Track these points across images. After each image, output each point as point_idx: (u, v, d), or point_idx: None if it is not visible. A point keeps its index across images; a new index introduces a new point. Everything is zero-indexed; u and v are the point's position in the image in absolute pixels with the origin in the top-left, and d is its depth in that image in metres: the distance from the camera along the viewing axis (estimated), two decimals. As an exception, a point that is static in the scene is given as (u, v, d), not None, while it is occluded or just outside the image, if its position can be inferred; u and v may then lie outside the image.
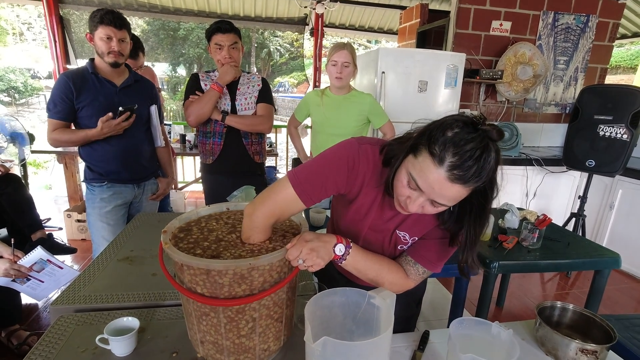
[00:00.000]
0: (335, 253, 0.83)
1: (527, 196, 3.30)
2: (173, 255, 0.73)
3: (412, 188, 0.75)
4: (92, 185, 1.83)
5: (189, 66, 15.61)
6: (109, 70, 1.75)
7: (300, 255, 0.76)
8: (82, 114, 1.72)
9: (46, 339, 0.89)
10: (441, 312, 2.36)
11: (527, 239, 1.76)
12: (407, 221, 0.91)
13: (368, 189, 0.89)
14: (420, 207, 0.77)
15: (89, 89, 1.71)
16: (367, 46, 12.25)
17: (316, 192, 0.83)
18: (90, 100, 1.71)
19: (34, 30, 14.11)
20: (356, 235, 0.98)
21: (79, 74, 1.71)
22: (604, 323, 0.96)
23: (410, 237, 0.93)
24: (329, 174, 0.84)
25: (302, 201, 0.83)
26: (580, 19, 3.48)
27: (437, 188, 0.70)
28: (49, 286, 1.52)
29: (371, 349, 0.69)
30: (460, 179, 0.67)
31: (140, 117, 1.83)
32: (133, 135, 1.81)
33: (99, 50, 1.68)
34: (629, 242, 2.95)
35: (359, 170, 0.85)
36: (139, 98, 1.83)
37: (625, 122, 2.60)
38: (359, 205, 0.92)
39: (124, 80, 1.80)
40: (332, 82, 2.10)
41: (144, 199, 1.99)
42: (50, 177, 4.83)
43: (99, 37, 1.66)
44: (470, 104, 3.53)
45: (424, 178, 0.71)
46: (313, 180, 0.83)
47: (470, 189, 0.71)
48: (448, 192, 0.70)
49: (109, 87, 1.75)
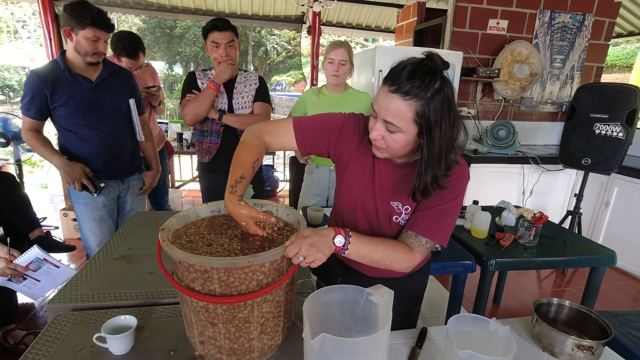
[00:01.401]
0: (336, 245, 0.83)
1: (524, 194, 3.32)
2: (171, 253, 0.72)
3: (373, 116, 0.87)
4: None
5: (186, 65, 15.54)
6: (84, 66, 1.68)
7: (300, 252, 0.76)
8: (58, 113, 1.67)
9: (43, 337, 0.89)
10: (438, 309, 2.37)
11: (523, 237, 1.77)
12: (399, 191, 0.97)
13: (358, 156, 0.99)
14: (379, 134, 0.86)
15: (63, 87, 1.64)
16: (364, 45, 12.26)
17: (310, 136, 0.99)
18: (66, 99, 1.65)
19: (28, 28, 13.99)
20: (354, 205, 1.03)
21: (50, 72, 1.64)
22: (600, 319, 0.97)
23: (404, 206, 0.96)
24: (324, 126, 1.00)
25: (296, 139, 0.98)
26: (576, 17, 3.49)
27: (382, 102, 0.83)
28: (45, 285, 1.51)
29: (369, 346, 0.69)
30: (397, 90, 0.79)
31: (119, 112, 1.80)
32: (114, 131, 1.78)
33: (82, 49, 1.62)
34: (624, 239, 2.98)
35: (349, 129, 0.99)
36: (116, 92, 1.78)
37: (621, 121, 2.62)
38: (352, 172, 1.01)
39: (98, 74, 1.73)
40: (328, 80, 2.10)
41: (130, 195, 1.97)
42: (46, 176, 4.81)
43: (85, 37, 1.59)
44: (467, 102, 3.54)
45: (376, 99, 0.85)
46: (310, 126, 0.99)
47: (412, 109, 0.79)
48: (391, 106, 0.81)
49: (84, 84, 1.68)
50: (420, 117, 0.80)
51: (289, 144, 1.00)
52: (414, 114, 0.80)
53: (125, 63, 2.34)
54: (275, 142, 1.00)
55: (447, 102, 0.80)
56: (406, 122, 0.81)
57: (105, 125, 1.74)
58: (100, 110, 1.73)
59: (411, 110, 0.79)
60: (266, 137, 0.98)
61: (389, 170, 0.98)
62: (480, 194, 3.02)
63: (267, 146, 0.99)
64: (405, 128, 0.82)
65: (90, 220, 1.82)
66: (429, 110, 0.79)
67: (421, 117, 0.80)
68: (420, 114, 0.79)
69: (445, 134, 0.81)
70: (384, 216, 1.00)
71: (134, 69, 2.39)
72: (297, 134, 0.99)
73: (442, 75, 0.80)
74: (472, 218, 1.86)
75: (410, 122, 0.81)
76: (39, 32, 3.72)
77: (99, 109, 1.72)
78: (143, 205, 2.11)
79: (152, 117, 2.62)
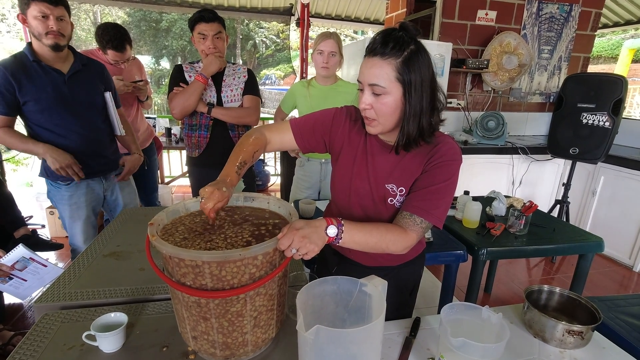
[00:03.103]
0: (329, 235, 0.83)
1: (513, 184, 3.36)
2: (161, 247, 0.71)
3: (360, 89, 0.92)
4: (57, 183, 1.71)
5: (173, 59, 15.27)
6: (52, 55, 1.56)
7: (292, 244, 0.75)
8: (28, 109, 1.57)
9: (30, 337, 0.87)
10: (430, 300, 2.40)
11: (514, 226, 1.79)
12: (393, 173, 0.99)
13: (351, 142, 1.04)
14: (367, 103, 0.90)
15: (32, 81, 1.53)
16: (353, 37, 12.19)
17: (306, 129, 1.04)
18: (36, 94, 1.54)
19: (7, 21, 13.58)
20: (348, 190, 1.05)
21: (18, 64, 1.52)
22: (589, 304, 0.99)
23: (398, 188, 0.98)
24: (318, 119, 1.06)
25: (294, 135, 1.04)
26: (563, 8, 3.52)
27: (364, 69, 0.89)
28: (32, 284, 1.48)
29: (364, 336, 0.69)
30: (375, 53, 0.86)
31: (94, 105, 1.71)
32: (90, 126, 1.70)
33: (35, 31, 1.50)
34: (610, 227, 3.04)
35: (341, 118, 1.05)
36: (90, 85, 1.70)
37: (607, 110, 2.65)
38: (345, 157, 1.05)
39: (70, 66, 1.63)
40: (318, 71, 2.08)
41: (120, 191, 1.92)
42: (31, 174, 4.70)
43: (33, 16, 1.47)
44: (457, 93, 3.55)
45: (360, 72, 0.91)
46: (305, 122, 1.06)
47: (393, 66, 0.85)
48: (373, 68, 0.86)
49: (55, 77, 1.58)
50: (401, 74, 0.85)
51: (288, 139, 1.05)
52: (395, 71, 0.85)
53: (111, 56, 2.28)
54: (275, 139, 1.04)
55: (425, 62, 0.87)
56: (390, 80, 0.86)
57: (81, 120, 1.65)
58: (75, 105, 1.64)
59: (392, 67, 0.85)
60: (267, 133, 1.03)
61: (381, 152, 1.00)
62: (471, 184, 3.05)
63: (268, 142, 1.03)
64: (390, 88, 0.87)
65: (76, 219, 1.78)
66: (408, 68, 0.85)
67: (402, 73, 0.85)
68: (401, 72, 0.85)
69: (426, 89, 0.88)
70: (379, 199, 1.01)
71: (120, 62, 2.33)
72: (294, 131, 1.04)
73: (416, 40, 0.87)
74: (464, 208, 1.87)
75: (393, 81, 0.86)
76: (19, 25, 3.60)
77: (73, 103, 1.63)
78: (136, 201, 2.06)
79: (139, 112, 2.56)
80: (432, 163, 0.94)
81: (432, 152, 0.94)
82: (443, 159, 0.93)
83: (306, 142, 1.05)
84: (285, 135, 1.05)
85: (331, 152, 1.10)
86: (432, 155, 0.94)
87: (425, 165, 0.95)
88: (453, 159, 0.94)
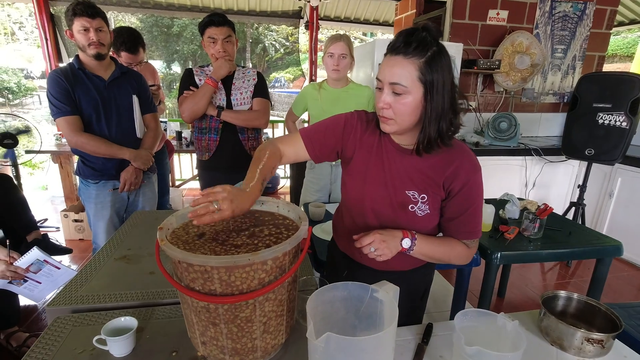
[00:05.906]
0: (403, 246, 0.93)
1: (527, 186, 3.29)
2: (170, 252, 0.70)
3: (379, 87, 0.91)
4: (87, 182, 1.82)
5: (184, 63, 15.44)
6: (95, 64, 1.73)
7: (372, 244, 0.86)
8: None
9: (42, 341, 0.87)
10: (442, 304, 2.36)
11: (528, 229, 1.75)
12: (413, 179, 0.97)
13: (363, 146, 1.02)
14: (385, 102, 0.89)
15: (79, 84, 1.70)
16: (362, 39, 12.16)
17: (317, 138, 1.02)
18: (83, 95, 1.70)
19: (25, 29, 13.94)
20: (360, 192, 1.03)
21: (67, 71, 1.70)
22: (609, 312, 0.95)
23: (420, 195, 0.97)
24: (329, 126, 1.04)
25: (305, 145, 1.02)
26: (577, 6, 3.45)
27: (386, 67, 0.88)
28: (46, 287, 1.50)
29: (375, 345, 0.67)
30: (398, 52, 0.85)
31: (126, 108, 1.82)
32: (122, 130, 1.80)
33: (80, 44, 1.67)
34: (628, 230, 2.95)
35: (353, 122, 1.04)
36: (126, 90, 1.82)
37: (625, 110, 2.58)
38: (358, 161, 1.03)
39: (111, 74, 1.78)
40: (329, 74, 2.07)
41: (141, 195, 1.96)
42: (46, 178, 4.79)
43: (77, 31, 1.64)
44: (468, 94, 3.50)
45: (380, 71, 0.90)
46: (315, 130, 1.04)
47: (416, 66, 0.84)
48: (395, 67, 0.85)
49: (97, 82, 1.74)
50: (424, 74, 0.84)
51: (302, 152, 1.04)
52: (418, 71, 0.84)
53: (124, 58, 2.31)
54: (288, 151, 1.02)
55: (447, 64, 0.86)
56: (412, 80, 0.85)
57: (117, 123, 1.77)
58: (113, 108, 1.77)
59: (415, 67, 0.84)
60: (280, 146, 1.01)
61: (397, 157, 0.99)
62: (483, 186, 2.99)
63: (282, 155, 1.01)
64: (412, 87, 0.85)
65: (99, 218, 1.85)
66: (431, 69, 0.84)
67: (425, 74, 0.84)
68: (424, 72, 0.84)
69: (447, 91, 0.87)
70: (398, 205, 0.99)
71: (133, 64, 2.36)
72: (305, 142, 1.02)
73: (438, 42, 0.86)
74: (476, 211, 1.83)
75: (415, 81, 0.85)
76: (36, 33, 3.70)
77: (111, 107, 1.77)
78: (154, 205, 2.09)
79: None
80: (461, 181, 0.94)
81: (453, 163, 0.94)
82: (468, 177, 0.95)
83: (317, 151, 1.04)
84: (298, 147, 1.03)
85: (342, 158, 1.09)
86: (455, 169, 0.94)
87: (447, 176, 0.95)
88: (476, 169, 0.97)
